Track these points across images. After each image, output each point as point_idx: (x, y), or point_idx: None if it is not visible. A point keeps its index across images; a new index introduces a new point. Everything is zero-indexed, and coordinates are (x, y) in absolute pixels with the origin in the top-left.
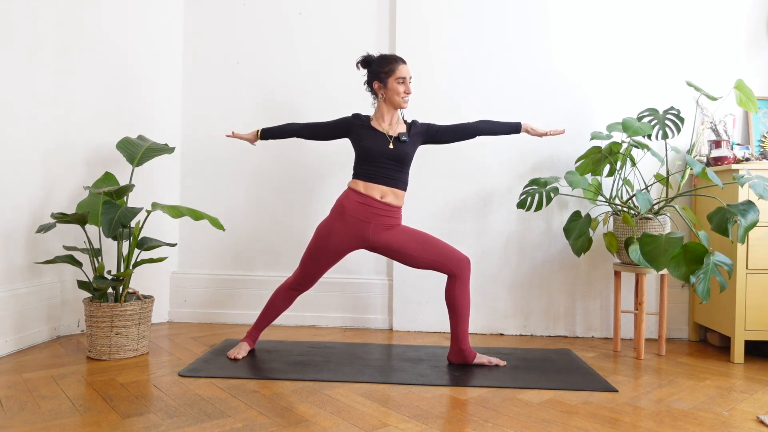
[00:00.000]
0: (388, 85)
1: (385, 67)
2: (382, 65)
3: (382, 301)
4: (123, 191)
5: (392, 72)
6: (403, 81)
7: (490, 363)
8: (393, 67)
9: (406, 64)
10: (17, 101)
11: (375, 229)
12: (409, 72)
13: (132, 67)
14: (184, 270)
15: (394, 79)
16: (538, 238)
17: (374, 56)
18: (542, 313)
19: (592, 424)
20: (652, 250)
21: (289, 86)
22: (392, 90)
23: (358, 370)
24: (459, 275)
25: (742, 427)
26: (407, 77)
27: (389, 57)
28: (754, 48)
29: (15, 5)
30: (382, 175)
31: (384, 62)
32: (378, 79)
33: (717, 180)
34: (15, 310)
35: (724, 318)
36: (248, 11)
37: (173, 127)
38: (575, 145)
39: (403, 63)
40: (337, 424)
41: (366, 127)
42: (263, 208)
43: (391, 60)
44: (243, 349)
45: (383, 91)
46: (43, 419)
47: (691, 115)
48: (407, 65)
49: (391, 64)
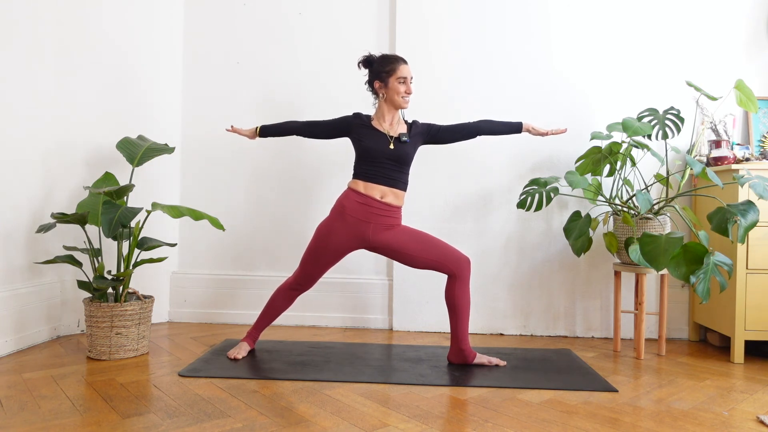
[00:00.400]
0: (389, 85)
1: (386, 66)
2: (383, 65)
3: (382, 301)
4: (123, 191)
5: (393, 71)
6: (404, 81)
7: (490, 363)
8: (394, 66)
9: (408, 64)
10: (17, 101)
11: (375, 229)
12: (411, 72)
13: (132, 67)
14: (184, 270)
15: (395, 78)
16: (538, 238)
17: (375, 56)
18: (542, 313)
19: (592, 424)
20: (652, 250)
21: (289, 86)
22: (393, 90)
23: (358, 370)
24: (459, 275)
25: (742, 427)
26: (408, 77)
27: (390, 57)
28: (754, 48)
29: (15, 5)
30: (382, 175)
31: (385, 62)
32: (379, 78)
33: (717, 180)
34: (15, 310)
35: (724, 318)
36: (248, 11)
37: (173, 127)
38: (575, 145)
39: (405, 63)
40: (337, 424)
41: (367, 127)
42: (263, 208)
43: (392, 60)
44: (243, 349)
45: (384, 91)
46: (43, 419)
47: (691, 115)
48: (408, 65)
49: (393, 63)
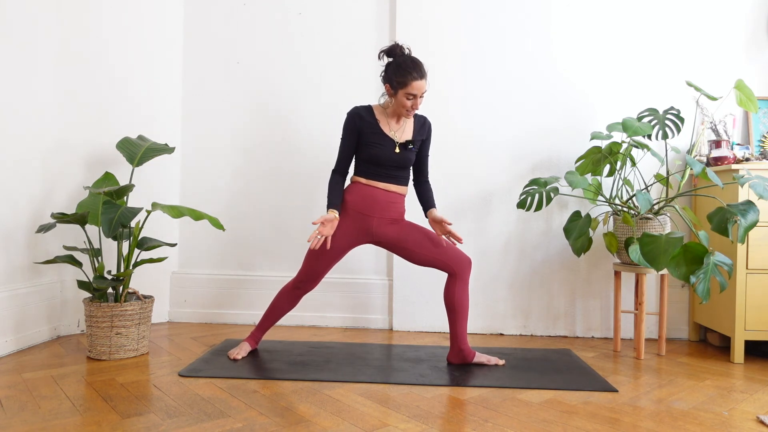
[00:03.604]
0: (397, 95)
1: (399, 76)
2: (397, 73)
3: (382, 301)
4: (123, 191)
5: (404, 85)
6: (413, 97)
7: (489, 362)
8: (406, 80)
9: (423, 80)
10: (17, 101)
11: (379, 222)
12: (424, 87)
13: (132, 66)
14: (184, 270)
15: (404, 92)
16: (538, 238)
17: (398, 53)
18: (542, 313)
19: (592, 424)
20: (652, 250)
21: (289, 86)
22: (399, 102)
23: (358, 370)
24: (460, 274)
25: (742, 427)
26: (419, 94)
27: (407, 68)
28: (754, 48)
29: (16, 5)
30: (384, 174)
31: (399, 71)
32: (390, 84)
33: (717, 180)
34: (15, 310)
35: (724, 318)
36: (248, 11)
37: (173, 127)
38: (575, 145)
39: (419, 79)
40: (337, 424)
41: (373, 130)
42: (263, 208)
43: (407, 72)
44: (243, 350)
45: (392, 98)
46: (43, 419)
47: (691, 115)
48: (424, 80)
49: (406, 77)
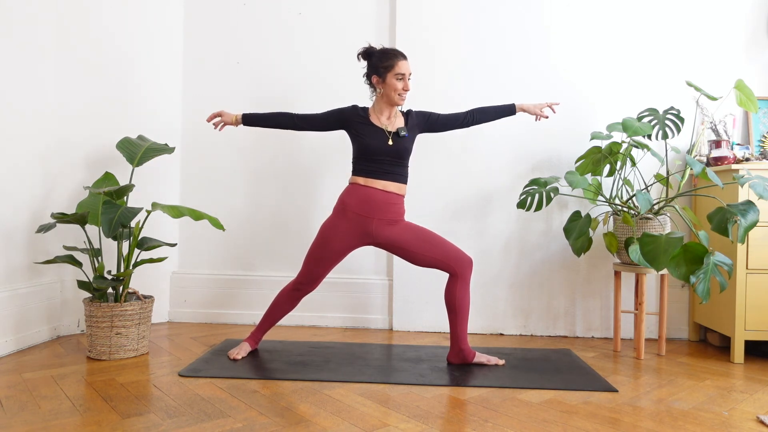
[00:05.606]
0: (386, 81)
1: (384, 61)
2: (381, 59)
3: (382, 301)
4: (123, 191)
5: (391, 67)
6: (402, 77)
7: (489, 362)
8: (393, 62)
9: (407, 60)
10: (17, 101)
11: (378, 224)
12: (410, 68)
13: (132, 66)
14: (184, 270)
15: (392, 74)
16: (538, 238)
17: (376, 48)
18: (542, 313)
19: (592, 424)
20: (652, 250)
21: (289, 86)
22: (390, 86)
23: (358, 370)
24: (460, 274)
25: (742, 427)
26: (407, 74)
27: (390, 51)
28: (754, 48)
29: (16, 4)
30: (382, 170)
31: (384, 56)
32: (377, 73)
33: (717, 180)
34: (15, 310)
35: (724, 318)
36: (248, 11)
37: (173, 127)
38: (575, 145)
39: (404, 59)
40: (337, 424)
41: (364, 123)
42: (263, 208)
43: (391, 55)
44: (243, 350)
45: (381, 86)
46: (43, 419)
47: (691, 115)
48: (408, 61)
49: (391, 59)
